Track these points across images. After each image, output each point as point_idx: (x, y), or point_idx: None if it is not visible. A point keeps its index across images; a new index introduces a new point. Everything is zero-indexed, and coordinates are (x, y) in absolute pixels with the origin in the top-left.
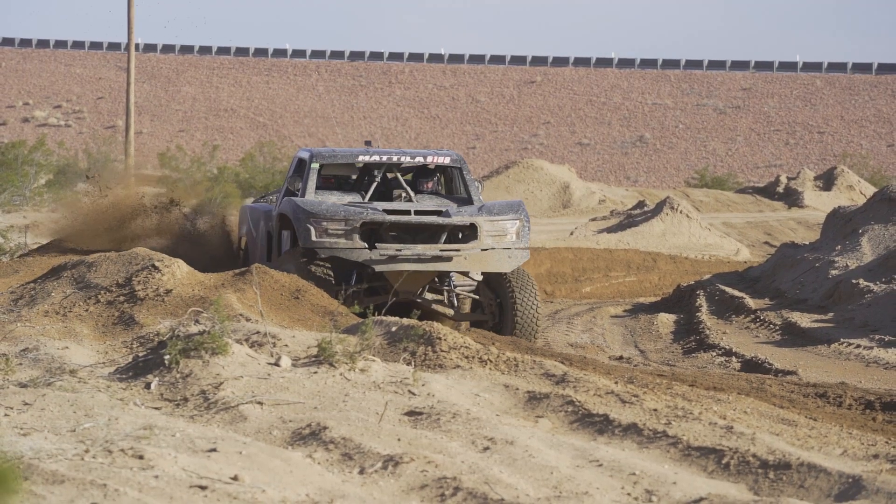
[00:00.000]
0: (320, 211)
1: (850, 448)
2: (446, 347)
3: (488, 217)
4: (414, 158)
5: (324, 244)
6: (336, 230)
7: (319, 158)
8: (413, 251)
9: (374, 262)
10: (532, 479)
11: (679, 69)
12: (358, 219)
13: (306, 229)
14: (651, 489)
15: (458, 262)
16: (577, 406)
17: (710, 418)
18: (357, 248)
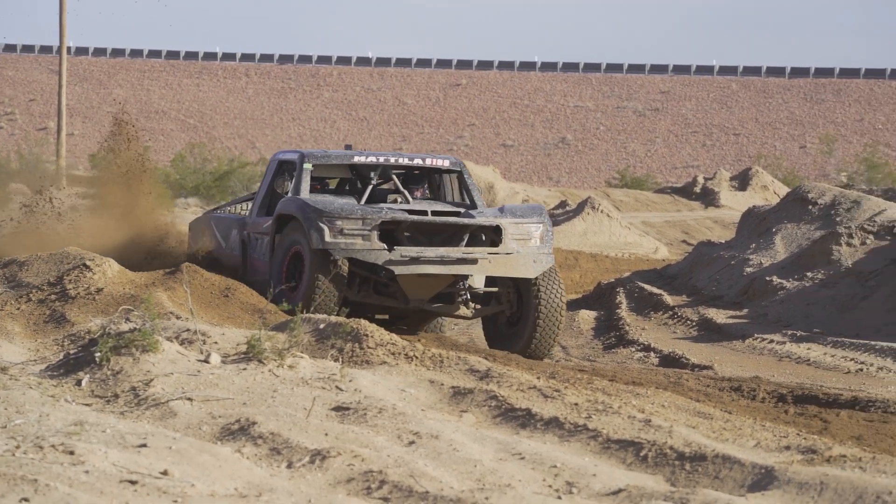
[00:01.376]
0: (334, 209)
1: (763, 440)
2: (373, 344)
3: (513, 219)
4: (412, 161)
5: (339, 245)
6: (352, 230)
7: (312, 159)
8: (436, 253)
9: (395, 264)
10: (456, 472)
11: (600, 72)
12: (376, 217)
13: (319, 229)
14: (572, 481)
15: (482, 266)
16: (501, 401)
17: (629, 412)
18: (375, 250)
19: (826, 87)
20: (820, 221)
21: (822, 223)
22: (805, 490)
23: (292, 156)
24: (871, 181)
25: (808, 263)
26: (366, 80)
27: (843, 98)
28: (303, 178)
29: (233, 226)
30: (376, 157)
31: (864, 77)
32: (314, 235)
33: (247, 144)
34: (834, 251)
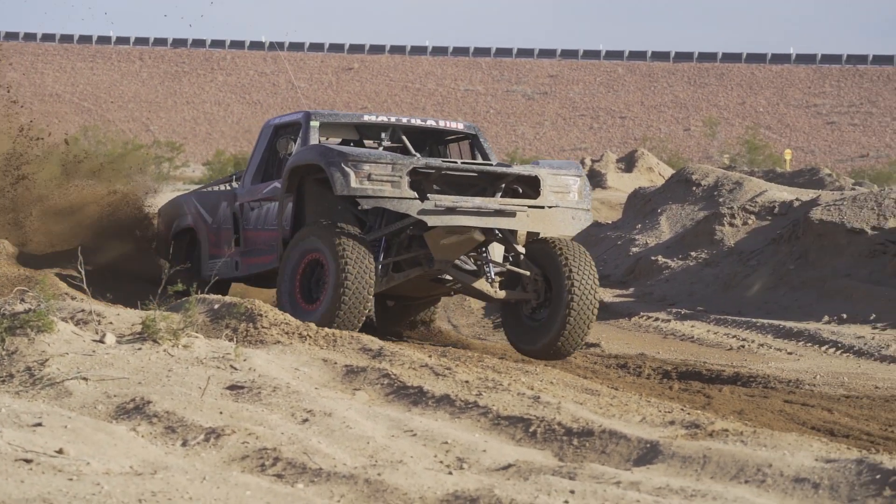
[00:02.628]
0: (360, 153)
1: (649, 415)
2: (267, 324)
3: (550, 170)
4: (424, 122)
5: (367, 191)
6: (381, 175)
7: (318, 117)
8: (472, 203)
9: (428, 214)
10: (349, 449)
11: (490, 57)
12: (407, 163)
13: (344, 173)
14: (462, 457)
15: (521, 220)
16: (393, 379)
17: (519, 389)
18: (407, 199)
19: (709, 72)
20: (703, 202)
21: (706, 204)
22: (689, 464)
23: (293, 117)
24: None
25: (692, 243)
26: (259, 64)
27: (726, 82)
28: (310, 136)
29: (221, 199)
30: (387, 117)
31: (745, 62)
32: (339, 180)
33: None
34: (717, 231)
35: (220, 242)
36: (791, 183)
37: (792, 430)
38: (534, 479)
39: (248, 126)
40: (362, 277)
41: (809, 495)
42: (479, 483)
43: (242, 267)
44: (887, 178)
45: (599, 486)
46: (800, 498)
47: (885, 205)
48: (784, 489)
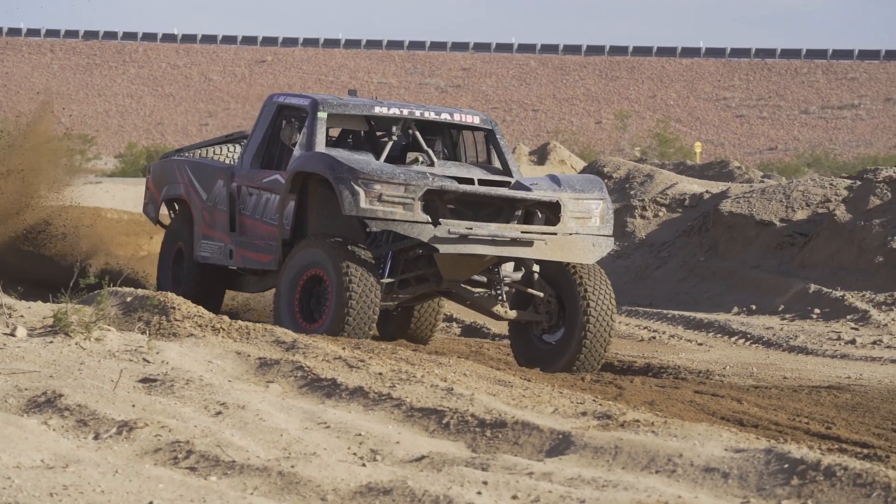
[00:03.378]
0: (372, 170)
1: (561, 406)
2: (180, 317)
3: (573, 194)
4: (439, 115)
5: (377, 213)
6: (393, 197)
7: (326, 107)
8: (487, 231)
9: (440, 241)
10: (263, 442)
11: (403, 50)
12: (421, 184)
13: (353, 192)
14: (376, 448)
15: (538, 249)
16: (307, 371)
17: (432, 381)
18: (419, 223)
19: (620, 65)
20: (615, 194)
21: (618, 196)
22: (600, 454)
23: (300, 101)
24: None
25: None
26: (172, 57)
27: (637, 75)
28: (317, 129)
29: (217, 175)
30: (399, 108)
31: (656, 55)
32: (347, 199)
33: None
34: (628, 223)
35: (214, 223)
36: (701, 175)
37: (702, 421)
38: (447, 471)
39: (161, 118)
40: (367, 298)
41: (719, 485)
42: (392, 475)
43: (237, 257)
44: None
45: (512, 477)
46: (709, 487)
47: (794, 197)
48: (694, 479)
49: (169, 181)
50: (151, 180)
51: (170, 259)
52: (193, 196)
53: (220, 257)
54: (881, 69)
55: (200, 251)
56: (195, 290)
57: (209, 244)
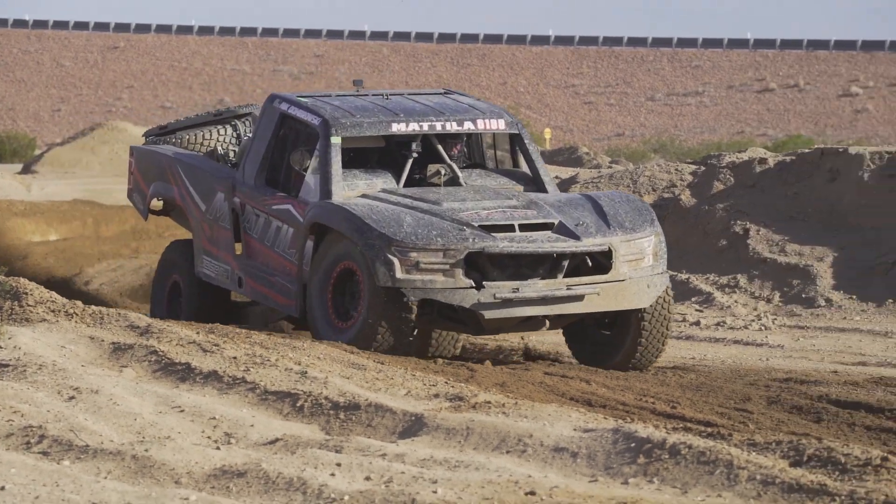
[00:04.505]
0: (406, 235)
1: (414, 389)
2: (33, 302)
3: (624, 237)
4: (462, 125)
5: (414, 283)
6: (431, 264)
7: (340, 130)
8: (535, 290)
9: (486, 307)
10: (116, 426)
11: (256, 37)
12: (461, 248)
13: (387, 262)
14: (230, 432)
15: (590, 301)
16: (161, 355)
17: (287, 364)
18: (461, 289)
19: (472, 53)
20: None
21: None
22: (453, 435)
23: (308, 117)
24: None
25: None
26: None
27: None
28: (332, 159)
29: (216, 185)
30: (418, 123)
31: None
32: (381, 270)
33: None
34: None
35: (216, 240)
36: (550, 161)
37: (552, 402)
38: (301, 453)
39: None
40: (403, 318)
41: (568, 464)
42: (246, 457)
43: (248, 289)
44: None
45: (365, 459)
46: (559, 467)
47: (640, 182)
48: (544, 458)
49: (159, 177)
50: (136, 167)
51: (164, 293)
52: (190, 204)
53: (226, 281)
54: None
55: (202, 267)
56: (197, 313)
57: (213, 263)
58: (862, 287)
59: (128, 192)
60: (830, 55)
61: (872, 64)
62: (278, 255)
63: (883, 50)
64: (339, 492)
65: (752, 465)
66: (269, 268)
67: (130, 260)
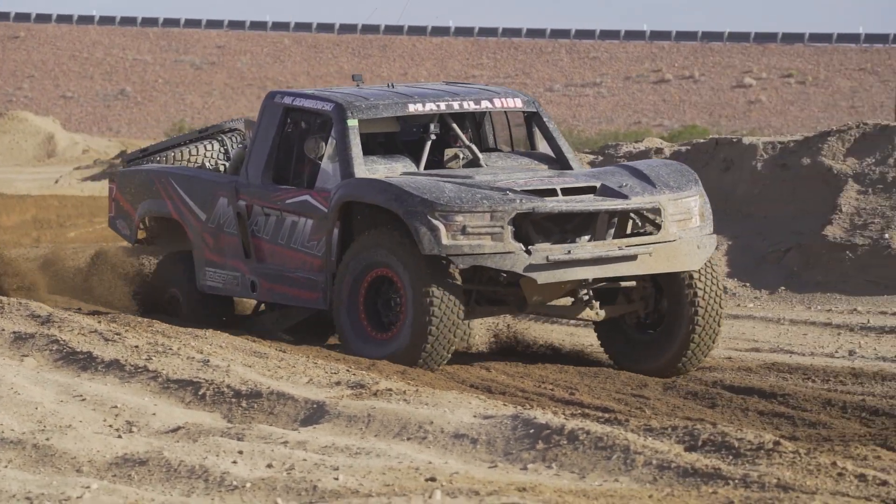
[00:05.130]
0: (450, 199)
1: (316, 377)
2: None
3: (671, 195)
4: (479, 104)
5: (462, 248)
6: (478, 227)
7: (356, 112)
8: (586, 251)
9: (537, 270)
10: (17, 415)
11: (158, 27)
12: (509, 209)
13: (432, 228)
14: (132, 420)
15: (642, 262)
16: (62, 344)
17: (189, 353)
18: (511, 253)
19: (373, 43)
20: None
21: None
22: (354, 422)
23: (317, 105)
24: None
25: None
26: None
27: (389, 53)
28: (351, 142)
29: (217, 190)
30: (435, 102)
31: (406, 34)
32: (426, 237)
33: None
34: None
35: (222, 249)
36: None
37: (452, 389)
38: (203, 441)
39: None
40: (451, 297)
41: (468, 450)
42: (148, 446)
43: (263, 291)
44: None
45: (267, 446)
46: (459, 453)
47: None
48: (444, 445)
49: (148, 195)
50: (119, 192)
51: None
52: (188, 216)
53: (236, 289)
54: (621, 49)
55: (206, 280)
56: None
57: (218, 273)
58: (755, 275)
59: (109, 221)
60: (724, 47)
61: (765, 56)
62: (296, 251)
63: (775, 42)
64: (240, 479)
65: (648, 449)
66: (286, 266)
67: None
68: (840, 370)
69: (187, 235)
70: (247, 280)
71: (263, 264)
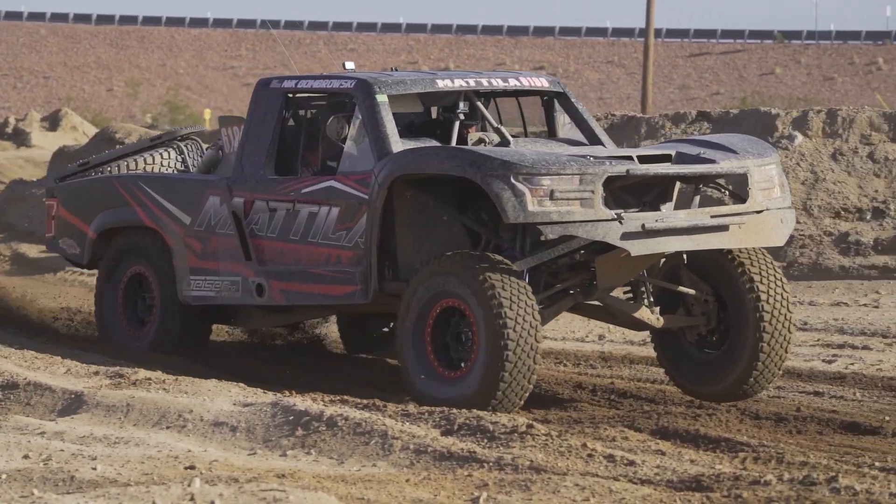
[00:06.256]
0: (535, 161)
1: (74, 367)
2: None
3: (756, 160)
4: (507, 81)
5: (550, 215)
6: (567, 192)
7: (383, 87)
8: (679, 220)
9: (631, 238)
10: None
11: None
12: (599, 171)
13: (517, 192)
14: None
15: (733, 235)
16: None
17: None
18: (603, 221)
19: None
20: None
21: None
22: (113, 412)
23: (334, 84)
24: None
25: None
26: None
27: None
28: (384, 118)
29: (203, 190)
30: (463, 79)
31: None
32: (510, 204)
33: None
34: None
35: (214, 252)
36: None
37: (212, 377)
38: None
39: None
40: (528, 332)
41: (228, 438)
42: None
43: (274, 293)
44: None
45: (24, 437)
46: (219, 441)
47: None
48: (204, 433)
49: (107, 204)
50: (64, 207)
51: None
52: (167, 222)
53: (235, 295)
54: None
55: (189, 290)
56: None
57: (208, 280)
58: None
59: (48, 242)
60: (478, 39)
61: (517, 48)
62: (316, 246)
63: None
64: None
65: (405, 434)
66: (303, 262)
67: None
68: (590, 354)
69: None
70: (250, 283)
71: (271, 264)
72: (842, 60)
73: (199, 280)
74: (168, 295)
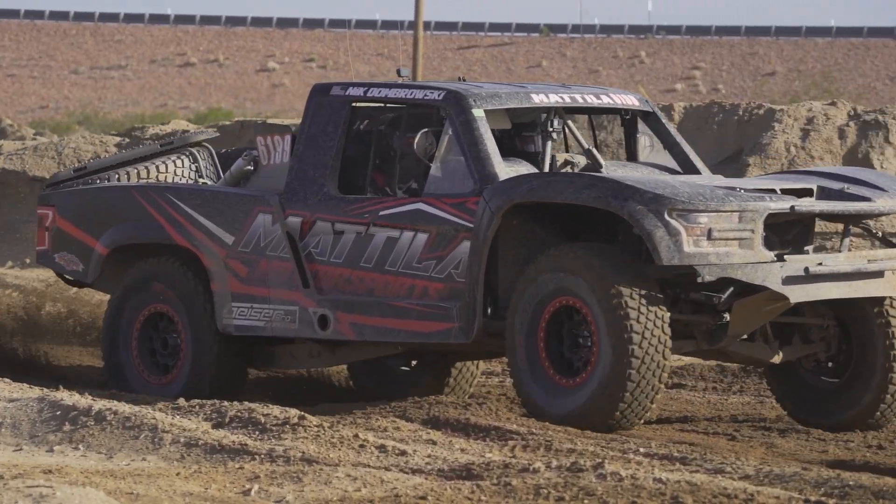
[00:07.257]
0: (690, 195)
1: None
2: None
3: None
4: (599, 98)
5: (708, 257)
6: (726, 230)
7: (479, 101)
8: (839, 264)
9: (793, 284)
10: None
11: None
12: (760, 209)
13: (672, 231)
14: None
15: (888, 281)
16: None
17: None
18: (764, 263)
19: None
20: None
21: None
22: None
23: (418, 95)
24: None
25: None
26: None
27: None
28: (483, 135)
29: (250, 206)
30: (558, 94)
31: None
32: (663, 244)
33: None
34: None
35: (262, 276)
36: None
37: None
38: None
39: None
40: (657, 337)
41: None
42: None
43: (343, 326)
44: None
45: None
46: None
47: (65, 153)
48: None
49: (123, 217)
50: (62, 217)
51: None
52: (204, 241)
53: (290, 326)
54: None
55: (231, 319)
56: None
57: (255, 309)
58: None
59: (40, 255)
60: (248, 31)
61: (287, 41)
62: (395, 275)
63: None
64: None
65: (176, 428)
66: (378, 293)
67: None
68: None
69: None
70: (310, 314)
71: (333, 293)
72: (606, 54)
73: (243, 308)
74: (200, 327)
